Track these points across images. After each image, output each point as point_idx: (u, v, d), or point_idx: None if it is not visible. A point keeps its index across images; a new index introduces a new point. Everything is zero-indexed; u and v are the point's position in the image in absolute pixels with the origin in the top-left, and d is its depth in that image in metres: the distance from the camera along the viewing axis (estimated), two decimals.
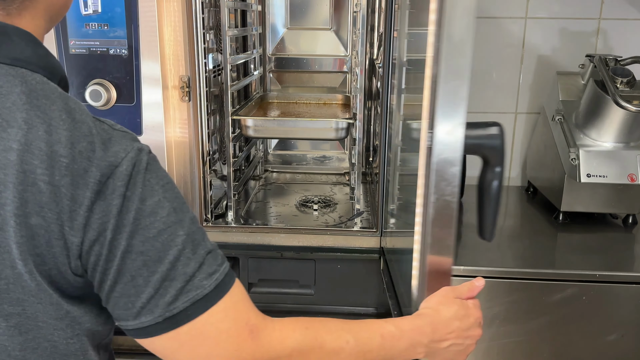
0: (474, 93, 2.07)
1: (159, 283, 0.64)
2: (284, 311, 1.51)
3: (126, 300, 0.65)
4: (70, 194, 0.61)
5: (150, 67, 1.30)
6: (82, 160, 0.62)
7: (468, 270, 1.38)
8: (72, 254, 0.63)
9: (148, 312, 0.65)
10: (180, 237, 0.66)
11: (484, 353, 1.42)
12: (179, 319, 0.65)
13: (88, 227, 0.63)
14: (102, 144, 0.64)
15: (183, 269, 0.65)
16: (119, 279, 0.65)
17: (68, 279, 0.65)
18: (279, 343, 0.70)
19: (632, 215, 1.66)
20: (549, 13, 1.94)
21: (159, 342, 0.67)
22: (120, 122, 1.32)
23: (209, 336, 0.66)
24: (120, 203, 0.63)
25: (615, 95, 1.47)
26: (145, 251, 0.64)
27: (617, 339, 1.39)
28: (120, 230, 0.63)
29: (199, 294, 0.66)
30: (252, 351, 0.68)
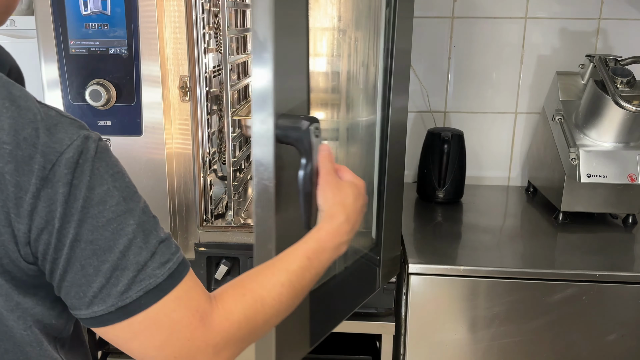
0: (474, 93, 2.08)
1: (110, 272, 0.64)
2: None
3: (77, 289, 0.65)
4: (15, 181, 0.61)
5: (150, 67, 1.30)
6: (26, 147, 0.61)
7: (468, 271, 1.38)
8: (20, 242, 0.63)
9: (100, 302, 0.64)
10: (131, 226, 0.65)
11: (484, 353, 1.43)
12: (132, 309, 0.65)
13: (35, 215, 0.62)
14: (47, 130, 0.63)
15: (135, 258, 0.65)
16: (68, 268, 0.64)
17: (21, 267, 0.65)
18: (226, 321, 0.69)
19: (632, 215, 1.66)
20: (549, 13, 1.94)
21: (113, 332, 0.66)
22: (120, 122, 1.33)
23: (163, 326, 0.66)
24: (66, 191, 0.62)
25: (615, 95, 1.47)
26: (94, 240, 0.63)
27: (617, 339, 1.39)
28: (68, 218, 0.63)
29: (152, 283, 0.65)
30: (205, 337, 0.67)
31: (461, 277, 1.39)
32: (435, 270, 1.39)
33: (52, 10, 1.28)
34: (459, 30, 1.97)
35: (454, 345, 1.42)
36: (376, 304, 1.51)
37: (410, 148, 2.04)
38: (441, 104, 2.04)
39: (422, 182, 1.89)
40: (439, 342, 1.43)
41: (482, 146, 2.06)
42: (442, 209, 1.82)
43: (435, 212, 1.81)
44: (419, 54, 1.99)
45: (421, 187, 1.90)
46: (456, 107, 2.04)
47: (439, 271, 1.39)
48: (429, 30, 1.98)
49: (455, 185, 1.85)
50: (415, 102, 2.04)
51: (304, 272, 0.76)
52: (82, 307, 0.65)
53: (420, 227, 1.75)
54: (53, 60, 1.31)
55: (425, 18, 1.96)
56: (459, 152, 1.83)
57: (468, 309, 1.40)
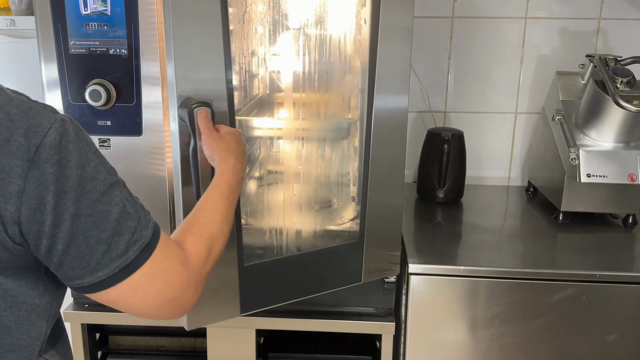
0: (474, 93, 2.08)
1: (110, 239, 0.71)
2: (284, 311, 1.51)
3: (81, 260, 0.71)
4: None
5: (150, 67, 1.30)
6: (1, 130, 0.65)
7: (468, 271, 1.38)
8: (7, 222, 0.66)
9: (104, 267, 0.72)
10: (118, 196, 0.73)
11: (484, 353, 1.42)
12: (132, 267, 0.73)
13: (25, 196, 0.66)
14: (23, 114, 0.67)
15: (127, 223, 0.73)
16: (72, 241, 0.70)
17: (7, 247, 0.68)
18: (198, 260, 0.81)
19: (632, 215, 1.66)
20: (549, 13, 1.94)
21: (115, 292, 0.73)
22: (120, 122, 1.33)
23: (157, 276, 0.75)
24: (56, 171, 0.67)
25: (615, 95, 1.47)
26: (92, 213, 0.70)
27: (617, 339, 1.39)
28: (63, 196, 0.68)
29: (144, 242, 0.74)
30: (188, 277, 0.79)
31: (461, 277, 1.39)
32: (435, 270, 1.39)
33: (52, 10, 1.28)
34: (459, 30, 1.97)
35: (454, 345, 1.42)
36: (376, 304, 1.51)
37: (410, 148, 2.04)
38: (441, 104, 2.04)
39: (422, 182, 1.89)
40: (439, 342, 1.43)
41: (482, 146, 2.06)
42: (442, 209, 1.82)
43: (435, 212, 1.81)
44: (419, 54, 1.99)
45: (421, 187, 1.90)
46: (456, 107, 2.04)
47: (439, 271, 1.39)
48: (429, 30, 1.98)
49: (455, 185, 1.85)
50: (415, 102, 2.04)
51: (228, 208, 0.93)
52: (86, 275, 0.72)
53: (420, 227, 1.75)
54: (53, 60, 1.31)
55: (425, 18, 1.96)
56: (459, 152, 1.83)
57: (468, 309, 1.40)
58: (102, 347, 1.64)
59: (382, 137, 1.34)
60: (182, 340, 1.67)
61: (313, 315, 1.51)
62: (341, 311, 1.51)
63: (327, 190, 1.79)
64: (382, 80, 1.31)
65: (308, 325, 1.50)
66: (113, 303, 0.76)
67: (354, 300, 1.51)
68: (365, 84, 1.33)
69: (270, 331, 1.61)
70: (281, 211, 1.63)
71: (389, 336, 1.49)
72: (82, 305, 1.53)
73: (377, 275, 1.42)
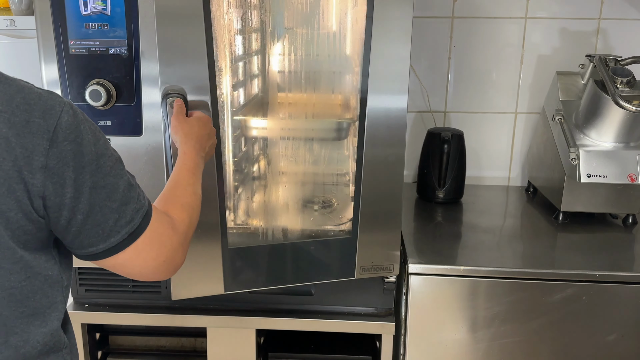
0: (474, 93, 2.08)
1: (120, 208, 0.81)
2: (284, 311, 1.51)
3: (97, 228, 0.80)
4: (20, 143, 0.72)
5: (150, 67, 1.30)
6: (20, 113, 0.73)
7: (468, 271, 1.38)
8: (34, 195, 0.74)
9: (115, 233, 0.81)
10: (123, 169, 0.84)
11: (484, 353, 1.43)
12: (137, 233, 0.83)
13: (48, 171, 0.74)
14: (37, 99, 0.75)
15: (131, 193, 0.83)
16: (90, 212, 0.79)
17: (32, 219, 0.75)
18: (183, 225, 0.93)
19: (632, 215, 1.66)
20: (549, 13, 1.94)
21: (123, 256, 0.83)
22: (120, 122, 1.33)
23: (155, 240, 0.86)
24: (74, 148, 0.76)
25: (615, 95, 1.47)
26: (106, 185, 0.79)
27: (617, 339, 1.39)
28: (81, 170, 0.77)
29: (144, 210, 0.85)
30: (177, 240, 0.90)
31: (461, 277, 1.39)
32: (435, 270, 1.39)
33: (52, 10, 1.28)
34: (459, 30, 1.97)
35: (454, 345, 1.42)
36: (376, 304, 1.51)
37: (410, 148, 2.05)
38: (441, 104, 2.04)
39: (422, 182, 1.89)
40: (439, 342, 1.43)
41: (482, 146, 2.06)
42: (442, 209, 1.82)
43: (435, 212, 1.81)
44: (419, 54, 1.99)
45: (421, 187, 1.90)
46: (456, 107, 2.04)
47: (439, 271, 1.39)
48: (429, 30, 1.98)
49: (455, 185, 1.85)
50: (415, 102, 2.04)
51: (197, 182, 1.05)
52: (100, 242, 0.81)
53: (420, 227, 1.75)
54: (53, 60, 1.31)
55: (425, 18, 1.96)
56: (459, 152, 1.83)
57: (468, 309, 1.40)
58: (102, 347, 1.64)
59: (378, 137, 1.34)
60: (182, 340, 1.67)
61: (313, 315, 1.51)
62: (341, 311, 1.51)
63: (326, 190, 1.79)
64: (378, 80, 1.31)
65: (308, 325, 1.50)
66: (119, 267, 0.85)
67: (354, 300, 1.51)
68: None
69: (270, 331, 1.61)
70: (278, 209, 1.63)
71: (389, 336, 1.49)
72: (82, 305, 1.53)
73: (373, 273, 1.42)
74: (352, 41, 1.49)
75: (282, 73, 1.84)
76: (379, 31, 1.28)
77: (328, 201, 1.70)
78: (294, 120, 1.63)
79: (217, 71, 1.33)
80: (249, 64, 1.89)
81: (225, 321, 1.51)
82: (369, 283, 1.49)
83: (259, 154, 2.00)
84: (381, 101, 1.32)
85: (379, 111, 1.32)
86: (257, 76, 1.87)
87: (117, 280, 1.51)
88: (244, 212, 1.59)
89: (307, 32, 1.50)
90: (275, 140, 1.98)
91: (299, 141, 1.68)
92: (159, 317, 1.51)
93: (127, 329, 1.64)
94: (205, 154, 1.13)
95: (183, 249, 0.92)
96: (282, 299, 1.52)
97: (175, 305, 1.53)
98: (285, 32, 1.58)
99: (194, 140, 1.10)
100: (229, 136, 1.48)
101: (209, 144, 1.16)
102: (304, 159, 1.72)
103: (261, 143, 2.03)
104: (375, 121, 1.32)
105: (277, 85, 1.84)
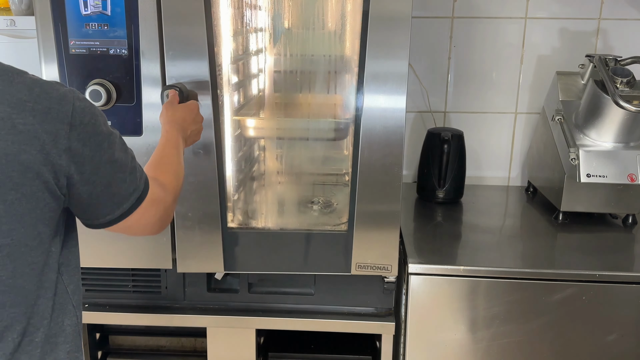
0: (474, 93, 2.08)
1: (129, 177, 0.91)
2: (284, 311, 1.51)
3: (113, 198, 0.90)
4: (44, 129, 0.79)
5: (151, 67, 1.30)
6: (41, 100, 0.80)
7: (468, 271, 1.38)
8: (60, 174, 0.82)
9: (127, 199, 0.91)
10: (124, 143, 0.93)
11: (483, 353, 1.43)
12: (142, 197, 0.94)
13: (70, 152, 0.82)
14: (51, 88, 0.82)
15: (134, 163, 0.94)
16: (107, 184, 0.88)
17: (57, 197, 0.83)
18: (171, 186, 1.04)
19: (632, 215, 1.66)
20: (549, 13, 1.94)
21: (133, 218, 0.93)
22: (120, 122, 1.33)
23: (154, 201, 0.96)
24: (90, 129, 0.84)
25: (615, 95, 1.47)
26: (117, 158, 0.89)
27: (617, 339, 1.39)
28: (98, 148, 0.86)
29: (144, 176, 0.96)
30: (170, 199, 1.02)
31: (461, 277, 1.39)
32: (435, 270, 1.39)
33: (52, 10, 1.28)
34: (459, 30, 1.97)
35: (454, 345, 1.42)
36: (376, 304, 1.51)
37: (410, 148, 2.05)
38: (441, 104, 2.04)
39: (422, 182, 1.89)
40: (439, 342, 1.43)
41: (482, 146, 2.06)
42: (442, 209, 1.82)
43: (435, 212, 1.81)
44: (419, 54, 1.99)
45: (421, 187, 1.90)
46: (456, 107, 2.04)
47: (439, 271, 1.39)
48: (429, 30, 1.98)
49: (455, 185, 1.85)
50: (415, 102, 2.04)
51: (179, 153, 1.15)
52: (116, 209, 0.91)
53: (420, 227, 1.75)
54: (53, 60, 1.31)
55: (425, 18, 1.96)
56: (459, 152, 1.83)
57: (468, 309, 1.40)
58: (102, 347, 1.64)
59: (374, 137, 1.33)
60: (182, 340, 1.67)
61: (313, 315, 1.51)
62: (341, 311, 1.51)
63: (326, 190, 1.79)
64: (375, 80, 1.30)
65: (308, 325, 1.50)
66: (127, 229, 0.95)
67: (354, 300, 1.51)
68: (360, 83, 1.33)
69: (270, 331, 1.61)
70: (277, 209, 1.63)
71: (389, 336, 1.49)
72: (82, 305, 1.53)
73: (370, 272, 1.42)
74: (350, 41, 1.49)
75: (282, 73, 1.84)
76: (375, 31, 1.28)
77: (327, 201, 1.70)
78: (293, 120, 1.63)
79: (218, 70, 1.34)
80: (249, 64, 1.89)
81: (225, 321, 1.51)
82: (369, 283, 1.49)
83: (259, 153, 2.00)
84: (378, 101, 1.31)
85: (375, 111, 1.32)
86: (257, 76, 1.87)
87: (117, 280, 1.51)
88: (243, 212, 1.59)
89: (306, 32, 1.50)
90: (273, 139, 1.99)
91: (297, 141, 1.69)
92: (159, 317, 1.51)
93: (127, 329, 1.64)
94: (187, 136, 1.22)
95: (172, 208, 1.05)
96: (282, 298, 1.52)
97: (175, 305, 1.53)
98: (285, 32, 1.58)
99: (177, 123, 1.20)
100: (229, 135, 1.48)
101: (192, 128, 1.24)
102: (303, 159, 1.72)
103: (260, 142, 2.03)
104: (371, 121, 1.32)
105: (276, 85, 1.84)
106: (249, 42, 1.73)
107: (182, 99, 1.27)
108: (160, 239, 1.41)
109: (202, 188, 1.38)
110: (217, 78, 1.33)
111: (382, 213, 1.38)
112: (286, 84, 1.85)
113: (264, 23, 1.67)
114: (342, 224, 1.46)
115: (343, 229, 1.42)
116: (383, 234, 1.39)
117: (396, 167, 1.35)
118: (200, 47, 1.29)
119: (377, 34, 1.28)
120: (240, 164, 1.63)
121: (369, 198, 1.37)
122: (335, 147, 2.02)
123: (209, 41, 1.29)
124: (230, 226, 1.43)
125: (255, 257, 1.44)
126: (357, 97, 1.33)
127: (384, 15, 1.27)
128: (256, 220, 1.60)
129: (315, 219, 1.61)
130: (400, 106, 1.31)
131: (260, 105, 1.83)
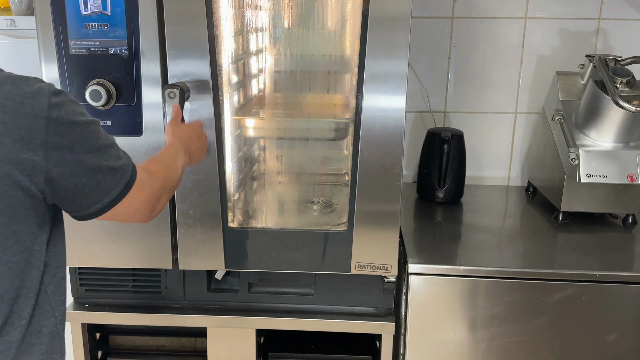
0: (474, 93, 2.08)
1: (114, 164, 0.91)
2: (284, 311, 1.51)
3: (99, 186, 0.90)
4: (17, 125, 0.79)
5: (151, 67, 1.30)
6: (13, 96, 0.79)
7: (468, 270, 1.38)
8: (36, 170, 0.81)
9: (115, 187, 0.91)
10: (104, 131, 0.93)
11: (484, 353, 1.43)
12: (130, 183, 0.94)
13: (48, 146, 0.81)
14: (24, 83, 0.82)
15: (118, 150, 0.93)
16: (93, 173, 0.88)
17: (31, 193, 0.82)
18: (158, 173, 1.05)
19: (632, 215, 1.66)
20: (549, 13, 1.94)
21: (122, 205, 0.93)
22: (120, 122, 1.33)
23: (143, 186, 0.97)
24: (68, 121, 0.83)
25: (615, 95, 1.47)
26: (100, 147, 0.89)
27: (617, 339, 1.39)
28: (79, 139, 0.85)
29: (131, 163, 0.96)
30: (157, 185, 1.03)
31: (461, 277, 1.39)
32: (435, 270, 1.40)
33: (52, 10, 1.28)
34: (459, 30, 1.97)
35: (454, 345, 1.43)
36: (376, 304, 1.51)
37: (410, 148, 2.05)
38: (441, 104, 2.05)
39: (422, 182, 1.89)
40: (439, 342, 1.43)
41: (482, 146, 2.06)
42: (442, 209, 1.82)
43: (435, 212, 1.81)
44: (419, 54, 1.99)
45: (421, 187, 1.90)
46: (456, 107, 2.04)
47: (439, 271, 1.39)
48: (429, 30, 1.98)
49: (455, 185, 1.85)
50: (415, 102, 2.04)
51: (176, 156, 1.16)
52: (104, 197, 0.91)
53: (420, 227, 1.75)
54: (53, 60, 1.31)
55: (425, 18, 1.96)
56: (459, 152, 1.83)
57: (468, 308, 1.40)
58: (102, 347, 1.64)
59: (374, 137, 1.33)
60: (182, 340, 1.67)
61: (313, 315, 1.51)
62: (341, 311, 1.51)
63: (326, 190, 1.79)
64: (374, 80, 1.30)
65: (308, 325, 1.50)
66: (118, 216, 0.95)
67: (354, 300, 1.51)
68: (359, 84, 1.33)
69: (270, 331, 1.61)
70: (277, 209, 1.63)
71: (389, 336, 1.49)
72: (82, 305, 1.53)
73: (370, 271, 1.42)
74: (349, 41, 1.49)
75: (282, 73, 1.84)
76: (374, 31, 1.28)
77: (328, 201, 1.70)
78: (293, 120, 1.63)
79: (219, 70, 1.34)
80: (250, 64, 1.89)
81: (225, 321, 1.51)
82: (369, 283, 1.49)
83: (259, 153, 2.00)
84: (377, 101, 1.31)
85: (375, 111, 1.32)
86: (257, 76, 1.88)
87: (117, 280, 1.51)
88: (243, 211, 1.59)
89: (306, 32, 1.50)
90: (273, 139, 1.99)
91: (297, 141, 1.69)
92: (159, 317, 1.51)
93: (127, 329, 1.64)
94: (192, 153, 1.23)
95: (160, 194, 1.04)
96: (282, 298, 1.52)
97: (175, 305, 1.53)
98: (285, 32, 1.59)
99: (181, 139, 1.21)
100: (229, 135, 1.48)
101: (196, 145, 1.26)
102: (303, 159, 1.72)
103: (260, 142, 2.03)
104: (371, 121, 1.32)
105: (276, 85, 1.85)
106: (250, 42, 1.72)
107: (183, 99, 1.27)
108: (160, 239, 1.42)
109: (203, 186, 1.39)
110: (218, 78, 1.33)
111: (382, 213, 1.38)
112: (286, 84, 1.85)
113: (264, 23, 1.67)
114: (342, 224, 1.46)
115: (343, 229, 1.42)
116: (383, 233, 1.39)
117: (396, 167, 1.35)
118: (202, 46, 1.30)
119: (377, 34, 1.28)
120: (241, 163, 1.63)
121: (368, 198, 1.37)
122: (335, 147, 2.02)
123: (210, 41, 1.30)
124: (230, 225, 1.43)
125: (255, 256, 1.44)
126: (357, 97, 1.33)
127: (383, 15, 1.27)
128: (256, 220, 1.60)
129: (315, 218, 1.61)
130: (400, 106, 1.31)
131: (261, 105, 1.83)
